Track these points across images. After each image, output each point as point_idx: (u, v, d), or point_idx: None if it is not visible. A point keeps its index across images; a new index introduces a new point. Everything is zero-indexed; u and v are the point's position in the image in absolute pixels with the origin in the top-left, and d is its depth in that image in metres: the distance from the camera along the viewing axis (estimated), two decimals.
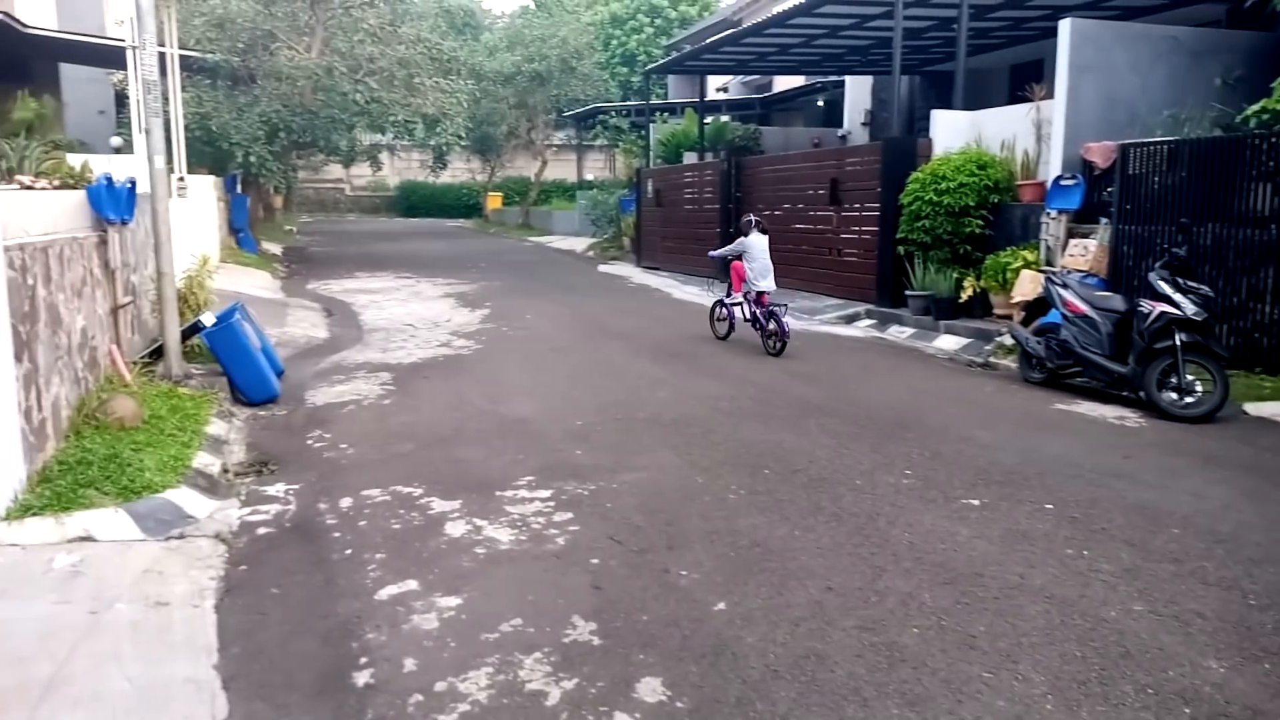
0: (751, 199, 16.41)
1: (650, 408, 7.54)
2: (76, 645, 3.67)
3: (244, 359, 7.72)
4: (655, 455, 6.21)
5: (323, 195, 44.95)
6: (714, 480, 5.67)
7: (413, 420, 7.26)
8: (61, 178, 7.48)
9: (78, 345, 6.39)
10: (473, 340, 10.96)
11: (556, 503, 5.31)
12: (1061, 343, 8.20)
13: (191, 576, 4.42)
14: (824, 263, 14.16)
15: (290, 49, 19.40)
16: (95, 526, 4.76)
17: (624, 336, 11.13)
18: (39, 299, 5.56)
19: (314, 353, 10.35)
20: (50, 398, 5.63)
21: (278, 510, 5.30)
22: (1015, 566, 4.42)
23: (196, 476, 5.66)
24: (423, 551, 4.65)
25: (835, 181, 13.58)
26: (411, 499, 5.42)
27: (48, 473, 5.24)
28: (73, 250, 6.44)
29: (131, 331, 8.03)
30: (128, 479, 5.28)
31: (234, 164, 18.67)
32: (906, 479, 5.68)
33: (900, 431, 6.77)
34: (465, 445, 6.53)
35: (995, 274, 10.43)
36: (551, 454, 6.27)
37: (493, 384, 8.54)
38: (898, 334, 11.29)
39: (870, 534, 4.79)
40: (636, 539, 4.76)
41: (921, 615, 3.91)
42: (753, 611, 3.94)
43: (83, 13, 22.32)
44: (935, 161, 11.31)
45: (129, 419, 6.24)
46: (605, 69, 37.72)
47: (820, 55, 18.49)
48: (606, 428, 6.94)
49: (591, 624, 3.85)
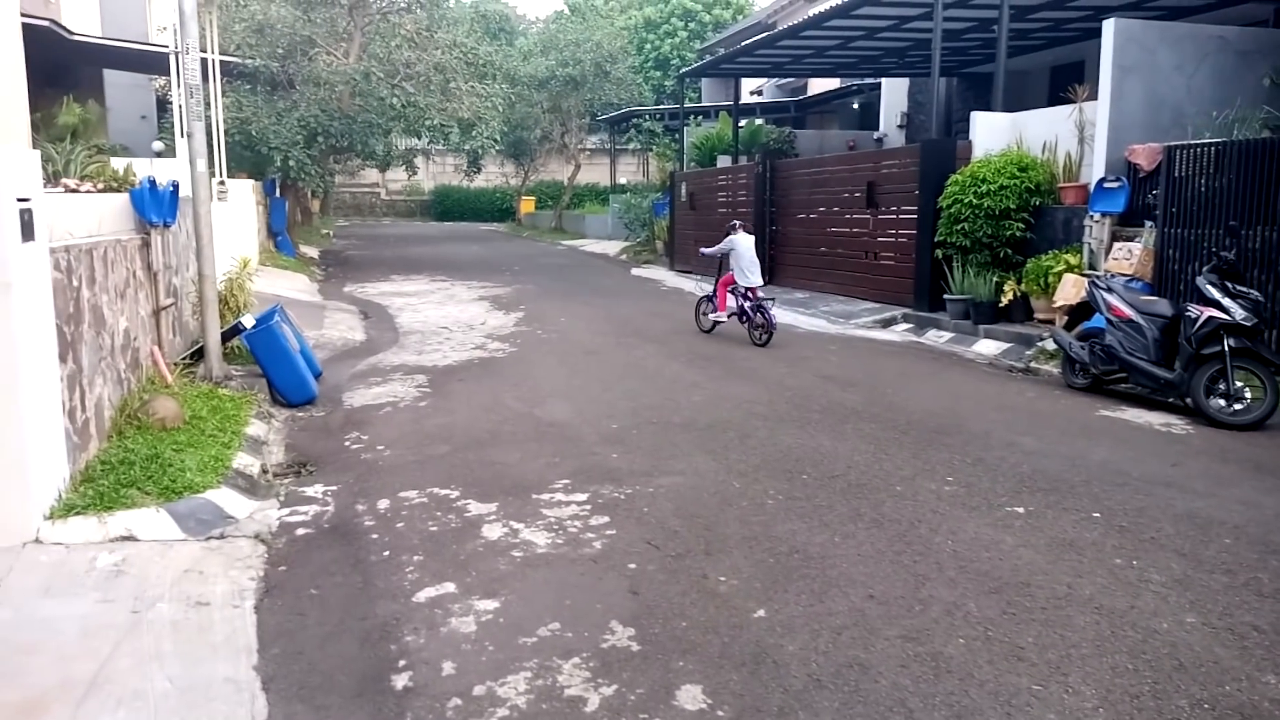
0: (786, 202, 16.32)
1: (685, 411, 7.49)
2: (119, 644, 3.70)
3: (283, 361, 7.78)
4: (691, 459, 6.16)
5: (359, 199, 45.43)
6: (751, 485, 5.61)
7: (448, 423, 7.27)
8: (105, 181, 7.59)
9: (120, 346, 6.48)
10: (507, 343, 10.98)
11: (593, 506, 5.28)
12: (1106, 348, 8.04)
13: (231, 576, 4.44)
14: (860, 266, 14.04)
15: (329, 54, 19.62)
16: (137, 526, 4.81)
17: (657, 340, 11.09)
18: (83, 300, 5.64)
19: (351, 355, 10.42)
20: (94, 398, 5.70)
21: (316, 511, 5.32)
22: (1063, 576, 4.32)
23: (236, 477, 5.70)
24: (460, 554, 4.64)
25: (872, 184, 13.46)
26: (448, 501, 5.42)
27: (91, 472, 5.30)
28: (116, 252, 6.53)
29: (173, 333, 8.13)
30: (169, 479, 5.33)
31: (273, 168, 18.90)
32: (948, 486, 5.58)
33: (941, 437, 6.67)
34: (501, 448, 6.53)
35: (1037, 278, 10.26)
36: (587, 457, 6.25)
37: (527, 387, 8.54)
38: (936, 338, 11.14)
39: (912, 541, 4.71)
40: (674, 544, 4.71)
41: (967, 625, 3.83)
42: (793, 619, 3.88)
43: (126, 20, 22.74)
44: (975, 164, 11.15)
45: (170, 419, 6.31)
46: (639, 73, 37.80)
47: (857, 57, 18.36)
48: (642, 431, 6.90)
49: (630, 629, 3.81)
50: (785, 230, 16.35)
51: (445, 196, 45.10)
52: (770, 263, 16.61)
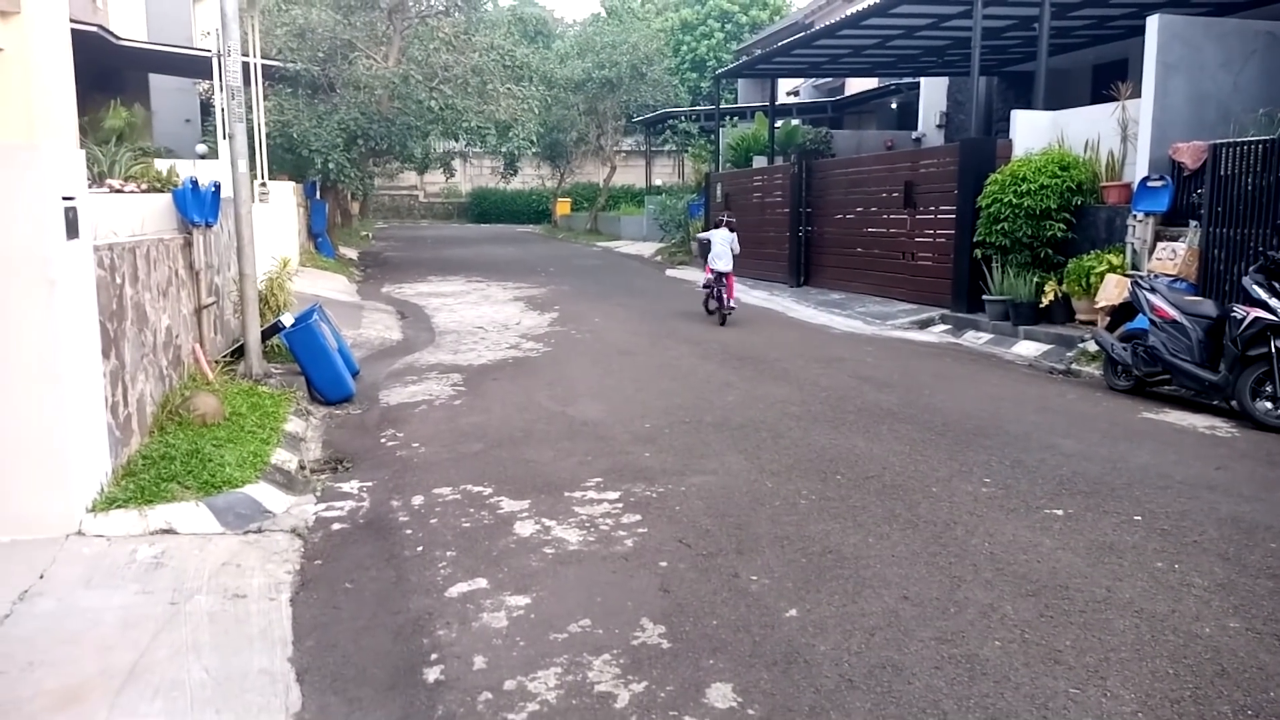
0: (821, 203, 16.22)
1: (718, 411, 7.47)
2: (157, 635, 3.76)
3: (321, 359, 7.87)
4: (724, 459, 6.14)
5: (397, 202, 45.89)
6: (784, 485, 5.58)
7: (483, 421, 7.31)
8: (149, 182, 7.73)
9: (163, 344, 6.59)
10: (541, 343, 11.02)
11: (625, 504, 5.28)
12: (1149, 349, 7.89)
13: (268, 570, 4.50)
14: (897, 267, 13.91)
15: (368, 58, 19.84)
16: (176, 519, 4.89)
17: (691, 340, 11.07)
18: (126, 298, 5.75)
19: (388, 354, 10.52)
20: (136, 394, 5.81)
21: (352, 507, 5.37)
22: (1102, 579, 4.23)
23: (274, 472, 5.78)
24: (492, 550, 4.66)
25: (910, 184, 13.33)
26: (481, 498, 5.45)
27: (132, 466, 5.40)
28: (159, 251, 6.65)
29: (214, 331, 8.26)
30: (208, 474, 5.41)
31: (313, 171, 19.16)
32: (986, 487, 5.51)
33: (979, 439, 6.58)
34: (534, 446, 6.55)
35: (1078, 278, 10.09)
36: (619, 456, 6.25)
37: (561, 386, 8.57)
38: (974, 339, 11.00)
39: (948, 543, 4.65)
40: (705, 542, 4.69)
41: (1003, 628, 3.77)
42: (825, 619, 3.85)
43: (171, 25, 23.18)
44: (1015, 163, 11.00)
45: (211, 416, 6.41)
46: (675, 74, 37.80)
47: (895, 57, 18.20)
48: (674, 431, 6.89)
49: (660, 627, 3.80)
50: (821, 231, 16.25)
51: (482, 199, 45.42)
52: (805, 264, 16.54)
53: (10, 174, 4.46)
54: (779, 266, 17.20)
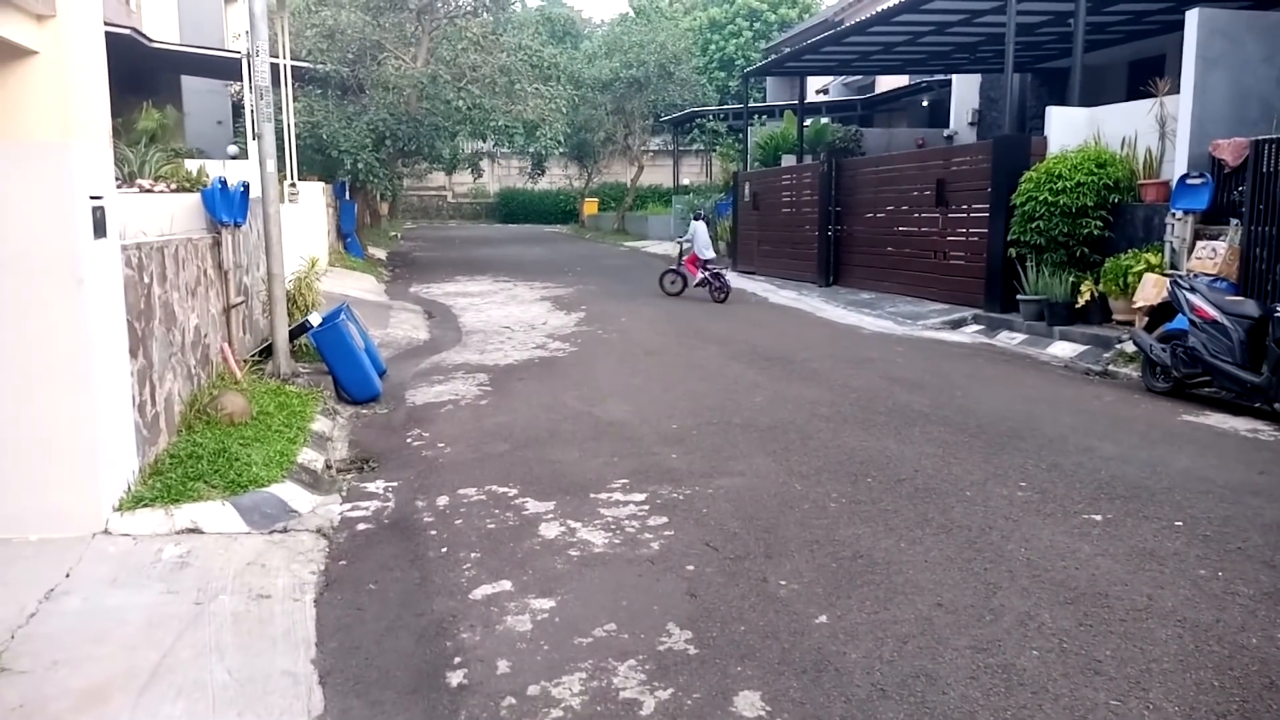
0: (851, 201, 16.05)
1: (746, 412, 7.38)
2: (181, 635, 3.74)
3: (348, 359, 7.87)
4: (752, 461, 6.05)
5: (426, 202, 46.11)
6: (813, 488, 5.48)
7: (508, 421, 7.27)
8: (178, 182, 7.77)
9: (191, 343, 6.61)
10: (568, 343, 10.98)
11: (651, 507, 5.21)
12: (1189, 350, 7.70)
13: (293, 570, 4.47)
14: (928, 266, 13.72)
15: (397, 59, 19.92)
16: (202, 519, 4.88)
17: (719, 340, 10.98)
18: (154, 297, 5.76)
19: (415, 353, 10.53)
20: (164, 393, 5.83)
21: (377, 507, 5.35)
22: (1143, 587, 4.11)
23: (301, 472, 5.77)
24: (517, 552, 4.61)
25: (942, 182, 13.14)
26: (506, 499, 5.40)
27: (159, 465, 5.41)
28: (187, 251, 6.67)
29: (243, 330, 8.29)
30: (235, 473, 5.41)
31: (343, 171, 19.26)
32: (1021, 491, 5.38)
33: (1014, 441, 6.44)
34: (560, 447, 6.50)
35: (1115, 277, 9.88)
36: (646, 457, 6.18)
37: (587, 386, 8.51)
38: (1008, 340, 10.82)
39: (983, 548, 4.54)
40: (733, 546, 4.61)
41: (1041, 637, 3.66)
42: (857, 626, 3.76)
43: (204, 27, 23.44)
44: (1051, 160, 10.80)
45: (238, 415, 6.42)
46: (703, 74, 37.66)
47: (926, 53, 17.99)
48: (702, 432, 6.81)
49: (687, 632, 3.73)
50: (850, 230, 16.08)
51: (510, 199, 45.52)
52: (835, 263, 16.38)
53: (38, 173, 4.47)
54: (808, 266, 17.05)
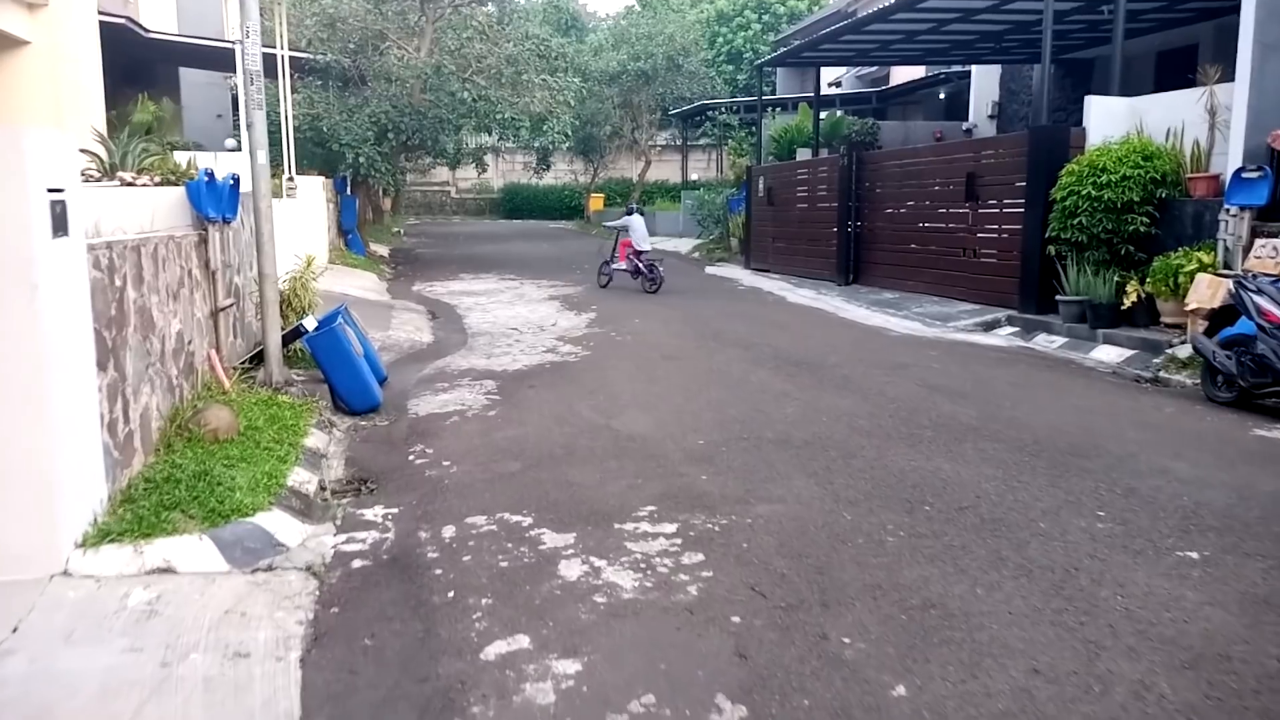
0: (872, 196, 15.43)
1: (778, 426, 6.78)
2: (141, 708, 3.16)
3: (346, 366, 7.29)
4: (791, 484, 5.45)
5: (429, 198, 45.51)
6: (865, 517, 4.88)
7: (519, 435, 6.68)
8: (163, 174, 7.19)
9: (172, 351, 6.03)
10: (580, 346, 10.38)
11: (684, 540, 4.61)
12: (1258, 357, 7.09)
13: (277, 619, 3.89)
14: (956, 264, 13.09)
15: (400, 48, 19.31)
16: (177, 556, 4.29)
17: (740, 344, 10.38)
18: (128, 302, 5.17)
19: (418, 358, 9.94)
20: (139, 408, 5.24)
21: (375, 539, 4.76)
22: (1268, 646, 3.51)
23: (290, 497, 5.18)
24: (534, 597, 4.02)
25: (972, 175, 12.51)
26: (520, 530, 4.81)
27: (132, 491, 4.82)
28: (169, 249, 6.08)
29: (233, 335, 7.71)
30: (216, 499, 4.82)
31: (344, 165, 18.67)
32: (1101, 523, 4.77)
33: (1078, 461, 5.83)
34: (577, 466, 5.90)
35: (1165, 277, 9.26)
36: (673, 479, 5.59)
37: (603, 395, 7.92)
38: (1047, 343, 10.20)
39: (1072, 595, 3.94)
40: (783, 591, 4.02)
41: (1164, 713, 3.07)
42: (943, 701, 3.16)
43: (203, 18, 22.83)
44: (1093, 152, 10.18)
45: (223, 431, 5.83)
46: (711, 67, 36.99)
47: (949, 42, 17.35)
48: (732, 449, 6.21)
49: (741, 708, 3.14)
50: (871, 226, 15.46)
51: (514, 194, 44.90)
52: (855, 261, 15.76)
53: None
54: (826, 264, 16.44)
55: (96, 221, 5.90)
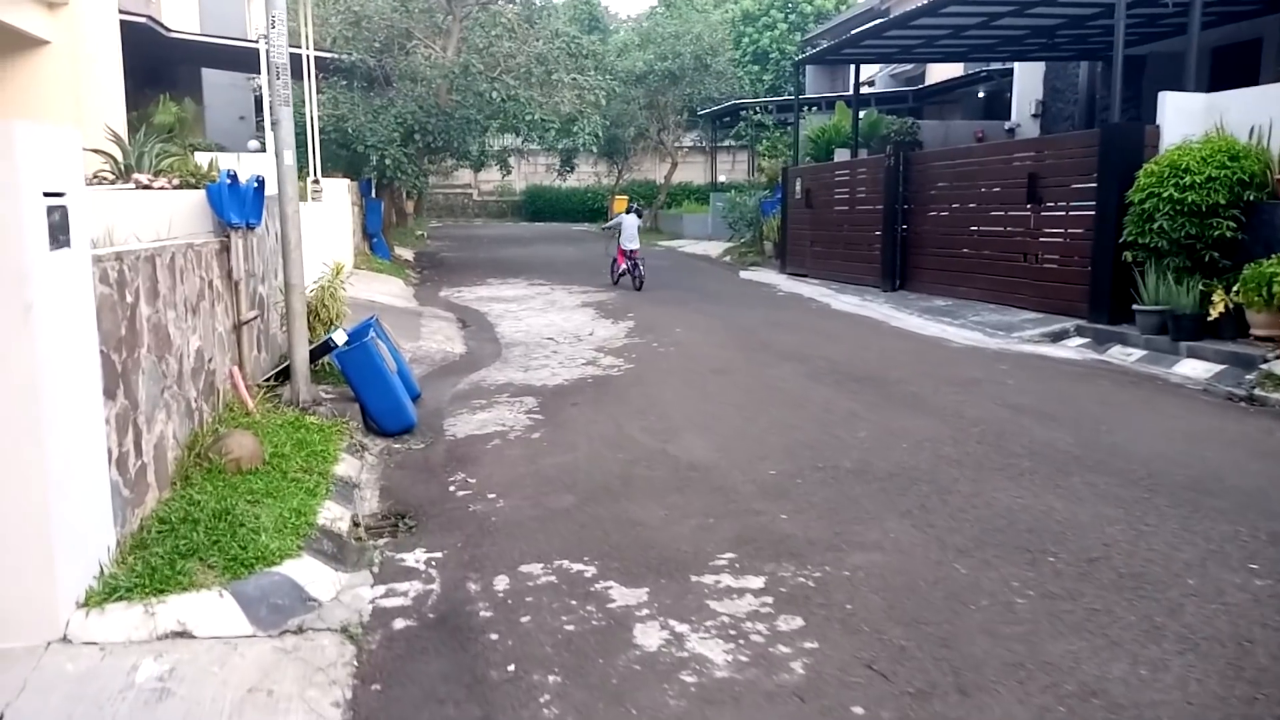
0: (920, 198, 14.74)
1: (854, 453, 6.14)
2: None
3: (378, 383, 6.72)
4: (884, 525, 4.82)
5: (451, 200, 45.04)
6: (981, 571, 4.24)
7: (569, 462, 6.08)
8: (182, 176, 6.65)
9: (191, 371, 5.46)
10: (621, 358, 9.77)
11: (775, 598, 3.99)
12: None
13: (309, 700, 3.30)
14: (1015, 270, 12.37)
15: (427, 47, 18.80)
16: (194, 616, 3.71)
17: (792, 356, 9.74)
18: (140, 319, 4.61)
19: (450, 370, 9.37)
20: (152, 438, 4.68)
21: (418, 592, 4.17)
22: None
23: (322, 539, 4.60)
24: (610, 674, 3.41)
25: (1034, 176, 11.79)
26: (583, 582, 4.21)
27: (144, 536, 4.26)
28: (187, 259, 5.52)
29: (257, 349, 7.16)
30: (239, 544, 4.25)
31: (368, 168, 18.17)
32: (1258, 578, 4.11)
33: (1205, 498, 5.15)
34: (637, 500, 5.30)
35: (1257, 287, 8.53)
36: (748, 518, 4.97)
37: (654, 415, 7.31)
38: (1123, 356, 9.50)
39: (1259, 681, 3.28)
40: (907, 671, 3.39)
41: None
42: None
43: (225, 19, 22.45)
44: (1174, 151, 9.46)
45: (247, 460, 5.26)
46: (739, 66, 36.33)
47: (997, 38, 16.61)
48: (808, 480, 5.58)
49: None
50: (918, 230, 14.76)
51: (536, 196, 44.35)
52: (901, 266, 15.07)
53: None
54: (869, 269, 15.76)
55: (108, 229, 5.36)
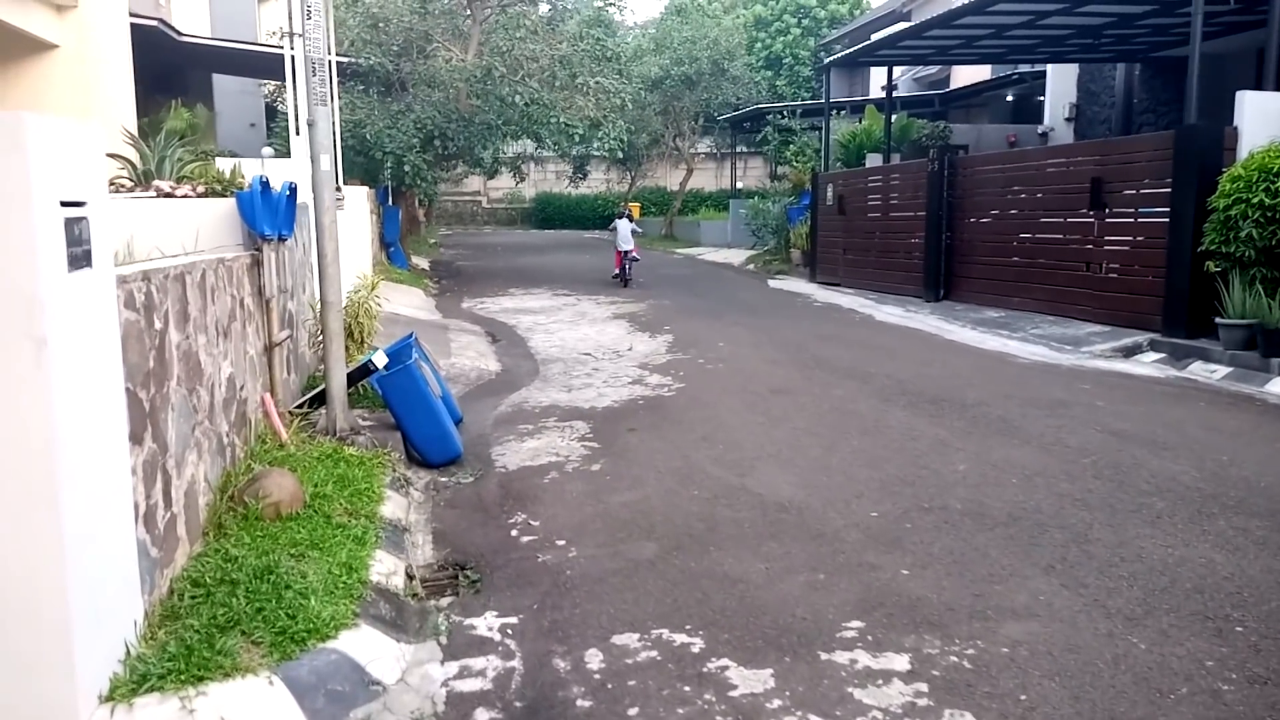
0: (965, 204, 14.11)
1: (958, 490, 5.50)
2: None
3: (422, 410, 6.10)
4: (1030, 586, 4.16)
5: (460, 207, 44.51)
6: (1163, 646, 3.59)
7: (640, 500, 5.45)
8: (207, 183, 6.05)
9: (223, 401, 4.85)
10: (669, 376, 9.14)
11: (930, 684, 3.35)
12: None
13: None
14: (1075, 279, 11.72)
15: (447, 49, 18.22)
16: (241, 710, 3.08)
17: (851, 374, 9.10)
18: (170, 347, 3.98)
19: (488, 390, 8.74)
20: (183, 484, 4.05)
21: (498, 670, 3.53)
22: None
23: (378, 600, 3.97)
24: None
25: (1098, 181, 11.15)
26: (691, 659, 3.57)
27: (176, 602, 3.63)
28: (219, 276, 4.90)
29: (288, 371, 6.55)
30: (286, 613, 3.61)
31: (384, 175, 17.59)
32: None
33: None
34: (728, 549, 4.66)
35: None
36: (865, 574, 4.32)
37: (722, 443, 6.67)
38: (1206, 373, 8.85)
39: None
40: None
41: None
42: None
43: (236, 24, 21.92)
44: (1262, 154, 8.82)
45: (287, 503, 4.64)
46: (754, 72, 35.77)
47: (1039, 38, 16.00)
48: (918, 525, 4.94)
49: None
50: (963, 237, 14.14)
51: (546, 204, 43.79)
52: (946, 274, 14.43)
53: None
54: (910, 278, 15.13)
55: (128, 242, 4.75)
